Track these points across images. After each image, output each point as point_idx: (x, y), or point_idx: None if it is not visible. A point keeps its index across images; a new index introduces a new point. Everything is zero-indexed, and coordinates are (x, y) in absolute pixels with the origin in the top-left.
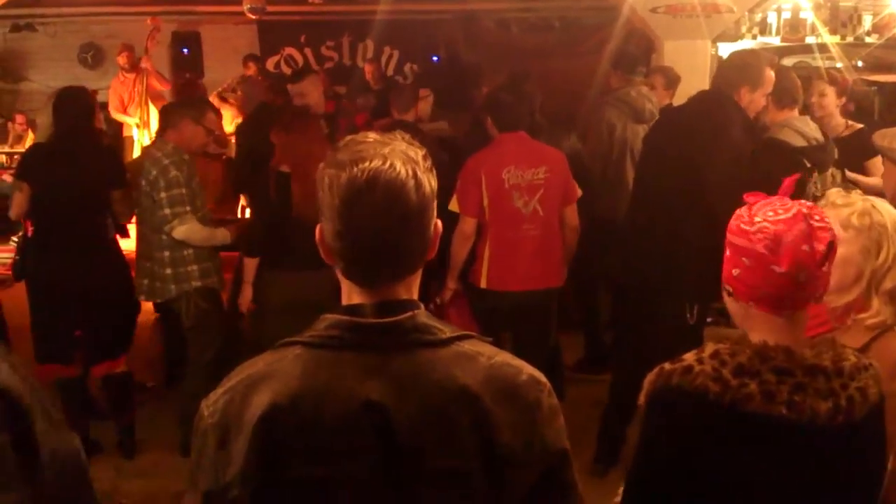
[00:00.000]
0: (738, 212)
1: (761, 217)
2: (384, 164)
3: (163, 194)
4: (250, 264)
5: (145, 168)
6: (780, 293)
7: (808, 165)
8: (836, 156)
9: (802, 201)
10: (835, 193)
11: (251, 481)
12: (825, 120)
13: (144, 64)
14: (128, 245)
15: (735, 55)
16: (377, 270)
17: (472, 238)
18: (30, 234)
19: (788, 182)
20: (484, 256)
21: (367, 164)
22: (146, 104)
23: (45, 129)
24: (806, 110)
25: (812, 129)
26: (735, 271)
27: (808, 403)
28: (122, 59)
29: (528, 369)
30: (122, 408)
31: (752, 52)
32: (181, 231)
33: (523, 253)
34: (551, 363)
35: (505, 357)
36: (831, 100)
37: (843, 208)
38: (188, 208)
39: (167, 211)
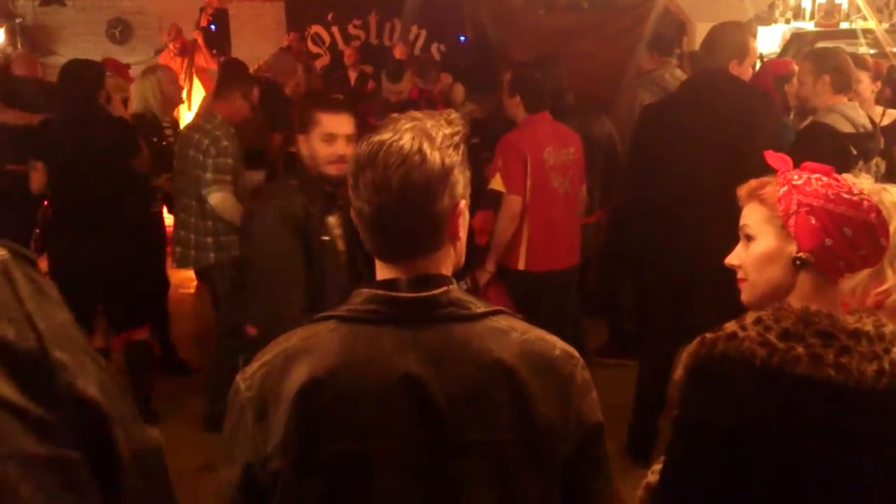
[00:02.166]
0: (816, 181)
1: (856, 189)
2: (391, 137)
3: (210, 160)
4: None
5: (195, 139)
6: (861, 265)
7: (854, 153)
8: (882, 145)
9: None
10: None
11: (291, 453)
12: (863, 107)
13: (195, 36)
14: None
15: (717, 30)
16: (386, 245)
17: (518, 217)
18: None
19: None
20: (522, 238)
21: (375, 138)
22: (191, 79)
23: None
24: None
25: (861, 117)
26: (828, 241)
27: (855, 365)
28: (173, 46)
29: (560, 344)
30: (139, 376)
31: (734, 24)
32: (216, 198)
33: (560, 232)
34: (578, 343)
35: (538, 332)
36: (866, 86)
37: None
38: (228, 178)
39: (209, 175)
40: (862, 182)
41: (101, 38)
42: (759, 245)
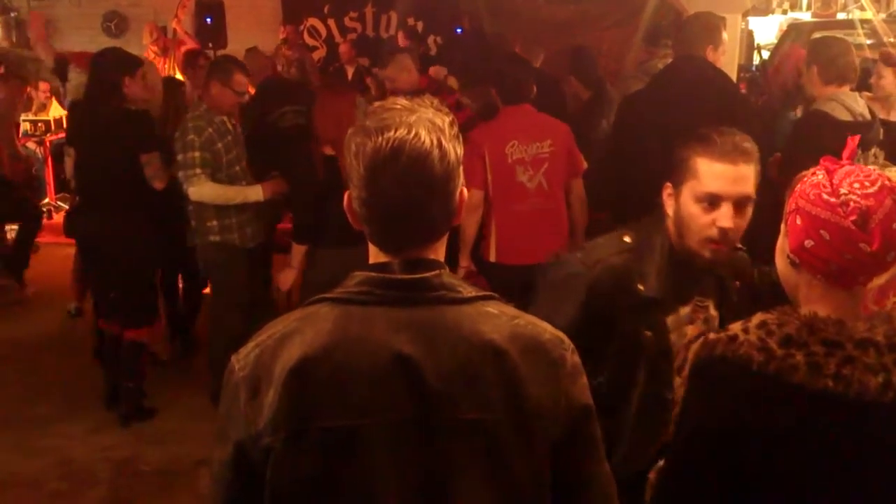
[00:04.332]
0: (812, 178)
1: (847, 188)
2: (409, 133)
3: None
4: (299, 250)
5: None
6: (859, 270)
7: None
8: (881, 136)
9: (880, 171)
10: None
11: (282, 430)
12: (889, 101)
13: (175, 26)
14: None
15: (694, 18)
16: (401, 237)
17: (478, 210)
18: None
19: (852, 145)
20: (492, 231)
21: (392, 132)
22: (175, 71)
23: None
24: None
25: (860, 106)
26: (808, 242)
27: (857, 377)
28: (154, 47)
29: (551, 329)
30: (128, 378)
31: (709, 13)
32: (193, 193)
33: (530, 227)
34: None
35: (528, 317)
36: (889, 80)
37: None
38: (198, 170)
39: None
40: (892, 173)
41: (97, 32)
42: (778, 241)
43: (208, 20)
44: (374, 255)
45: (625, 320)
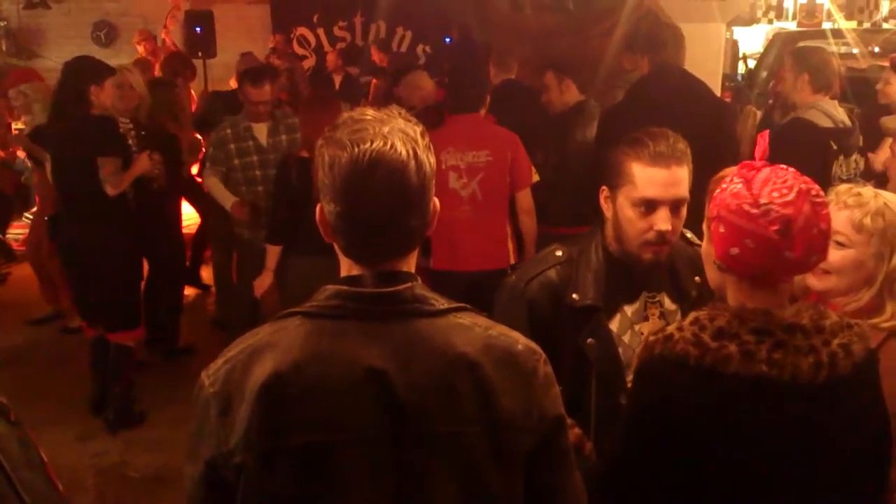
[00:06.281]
0: (732, 186)
1: (766, 198)
2: (385, 145)
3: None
4: (273, 251)
5: None
6: (785, 273)
7: (834, 148)
8: (860, 143)
9: (795, 173)
10: (845, 192)
11: (254, 447)
12: (892, 108)
13: (164, 36)
14: None
15: (668, 28)
16: (377, 250)
17: None
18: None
19: (763, 144)
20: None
21: (368, 144)
22: None
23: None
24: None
25: (840, 114)
26: (734, 250)
27: (790, 360)
28: (141, 49)
29: (523, 339)
30: (115, 380)
31: (672, 24)
32: (204, 182)
33: (463, 234)
34: None
35: (500, 328)
36: (894, 87)
37: (855, 210)
38: (208, 164)
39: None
40: (864, 196)
41: (87, 41)
42: (703, 245)
43: (198, 30)
44: (346, 267)
45: (567, 333)
